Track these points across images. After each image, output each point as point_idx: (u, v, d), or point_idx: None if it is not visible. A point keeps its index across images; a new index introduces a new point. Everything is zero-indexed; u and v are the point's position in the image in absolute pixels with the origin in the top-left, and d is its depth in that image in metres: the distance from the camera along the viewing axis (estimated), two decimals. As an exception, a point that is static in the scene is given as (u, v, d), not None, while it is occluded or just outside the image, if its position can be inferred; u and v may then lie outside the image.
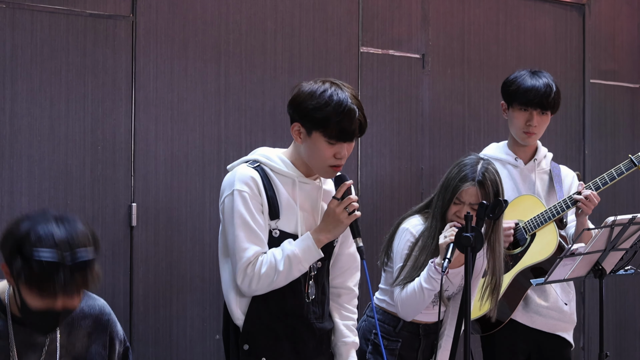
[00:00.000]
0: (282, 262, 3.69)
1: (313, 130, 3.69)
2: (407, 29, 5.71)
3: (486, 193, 4.11)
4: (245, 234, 3.70)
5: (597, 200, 4.63)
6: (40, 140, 4.56)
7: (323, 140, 3.69)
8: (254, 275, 3.69)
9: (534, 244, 4.68)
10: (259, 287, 3.72)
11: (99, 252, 3.31)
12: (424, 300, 4.11)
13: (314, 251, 3.72)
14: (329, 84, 3.71)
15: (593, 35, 6.45)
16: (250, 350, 3.76)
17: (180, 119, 4.92)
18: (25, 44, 4.54)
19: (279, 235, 3.76)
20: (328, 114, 3.64)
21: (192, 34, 4.97)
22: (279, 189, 3.77)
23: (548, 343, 4.76)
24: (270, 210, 3.75)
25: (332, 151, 3.70)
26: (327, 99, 3.66)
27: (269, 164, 3.79)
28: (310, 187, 3.84)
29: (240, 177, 3.73)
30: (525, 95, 4.72)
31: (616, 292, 6.52)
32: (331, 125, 3.65)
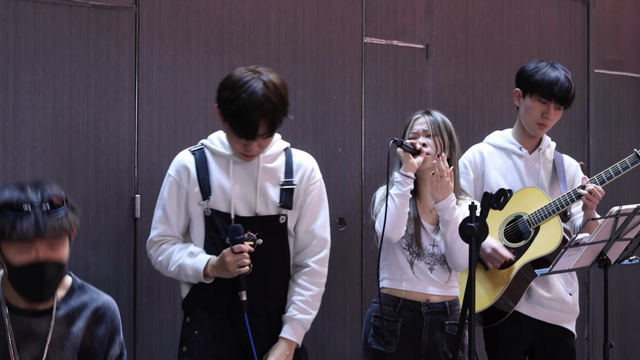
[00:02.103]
0: (174, 265, 3.96)
1: (224, 121, 3.88)
2: (410, 19, 5.69)
3: (433, 119, 4.38)
4: (160, 215, 4.03)
5: (602, 195, 4.61)
6: (43, 132, 4.56)
7: (230, 132, 3.88)
8: (154, 256, 4.05)
9: (538, 237, 4.67)
10: (156, 268, 4.07)
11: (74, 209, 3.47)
12: (395, 208, 4.22)
13: (200, 276, 3.91)
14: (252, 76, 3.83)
15: (597, 25, 6.43)
16: (189, 323, 4.01)
17: (183, 111, 4.91)
18: (29, 36, 4.54)
19: (211, 213, 3.94)
20: (232, 111, 3.81)
21: (195, 25, 4.96)
22: (211, 170, 3.97)
23: (551, 334, 4.76)
24: (201, 190, 3.95)
25: (240, 142, 3.88)
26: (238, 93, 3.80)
27: (209, 146, 4.03)
28: (245, 164, 3.99)
29: (175, 163, 4.05)
30: (549, 88, 4.69)
31: (621, 283, 6.52)
32: (235, 121, 3.82)
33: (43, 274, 3.37)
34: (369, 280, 5.46)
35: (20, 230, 3.30)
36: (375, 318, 4.39)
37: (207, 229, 3.95)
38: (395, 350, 4.31)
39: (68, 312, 3.53)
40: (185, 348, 3.98)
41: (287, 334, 3.98)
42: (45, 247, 3.36)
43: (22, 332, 3.44)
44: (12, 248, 3.34)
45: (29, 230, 3.31)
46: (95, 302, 3.60)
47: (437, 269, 4.36)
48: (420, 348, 4.33)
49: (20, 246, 3.33)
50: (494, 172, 4.81)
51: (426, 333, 4.34)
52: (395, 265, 4.35)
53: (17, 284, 3.40)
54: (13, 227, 3.30)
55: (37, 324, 3.46)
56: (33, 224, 3.31)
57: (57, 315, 3.50)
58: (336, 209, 5.33)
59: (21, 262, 3.35)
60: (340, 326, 5.39)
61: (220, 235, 3.92)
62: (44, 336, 3.46)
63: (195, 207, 3.96)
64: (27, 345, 3.44)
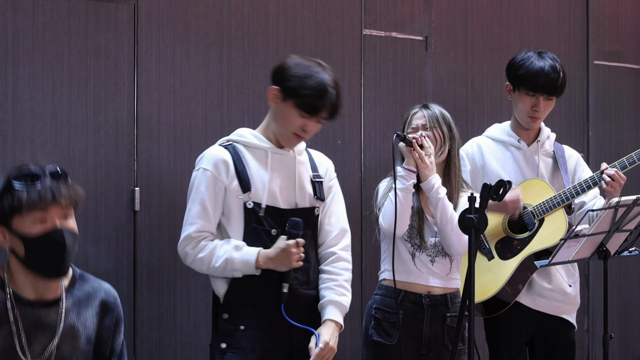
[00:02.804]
0: (219, 260, 3.92)
1: (289, 98, 3.93)
2: (410, 11, 5.69)
3: (431, 113, 4.43)
4: (198, 210, 3.96)
5: (623, 180, 4.59)
6: (42, 125, 4.55)
7: (295, 110, 3.94)
8: (192, 254, 3.97)
9: (543, 229, 4.67)
10: (193, 266, 4.01)
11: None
12: (399, 202, 4.25)
13: (250, 268, 3.91)
14: (316, 64, 3.98)
15: (597, 16, 6.43)
16: (229, 319, 3.96)
17: (182, 103, 4.91)
18: (27, 29, 4.53)
19: (253, 206, 3.95)
20: (306, 87, 3.91)
21: (194, 17, 4.95)
22: (249, 163, 3.98)
23: (551, 325, 4.76)
24: (241, 184, 3.95)
25: (302, 122, 3.96)
26: (310, 73, 3.93)
27: (240, 140, 4.03)
28: (283, 157, 4.05)
29: (209, 157, 3.99)
30: (533, 81, 4.69)
31: (620, 274, 6.52)
32: (306, 98, 3.91)
33: (64, 241, 3.38)
34: (369, 272, 5.46)
35: (37, 196, 3.32)
36: (376, 310, 4.40)
37: (247, 221, 3.96)
38: (396, 342, 4.32)
39: (75, 301, 3.54)
40: (226, 344, 3.95)
41: (333, 315, 4.04)
42: (59, 215, 3.39)
43: (32, 324, 3.43)
44: (27, 220, 3.34)
45: (46, 193, 3.33)
46: (99, 291, 3.62)
47: (439, 261, 4.37)
48: (421, 340, 4.34)
49: (35, 216, 3.34)
50: (494, 163, 4.81)
51: (427, 325, 4.34)
52: (396, 258, 4.35)
53: (37, 258, 3.39)
54: (29, 195, 3.32)
55: (46, 315, 3.46)
56: (49, 189, 3.35)
57: (65, 305, 3.50)
58: (336, 201, 5.33)
59: (38, 231, 3.35)
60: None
61: (263, 227, 3.95)
62: (53, 327, 3.46)
63: (234, 200, 3.95)
64: (38, 336, 3.44)
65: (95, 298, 3.60)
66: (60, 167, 3.44)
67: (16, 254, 3.41)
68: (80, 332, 3.51)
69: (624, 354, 6.54)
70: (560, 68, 4.72)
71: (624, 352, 6.54)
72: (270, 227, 3.96)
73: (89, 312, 3.56)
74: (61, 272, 3.45)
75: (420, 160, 4.26)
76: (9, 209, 3.34)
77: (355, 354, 5.40)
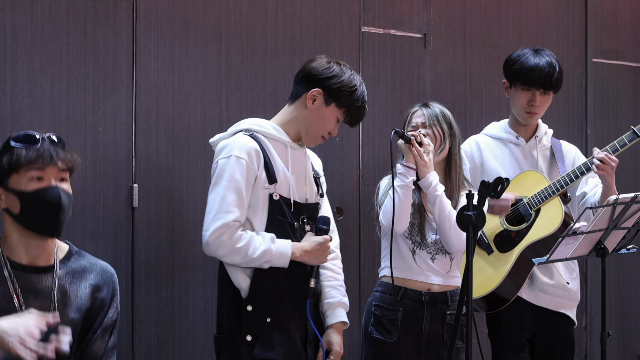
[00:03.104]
0: (258, 251, 3.86)
1: (334, 104, 4.00)
2: (408, 8, 5.69)
3: (431, 111, 4.45)
4: (235, 198, 3.89)
5: (615, 163, 4.58)
6: (41, 122, 4.55)
7: (335, 115, 4.02)
8: (228, 243, 3.86)
9: (539, 218, 4.68)
10: (224, 256, 3.91)
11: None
12: (399, 200, 4.25)
13: (285, 260, 3.92)
14: (351, 71, 4.08)
15: (595, 14, 6.43)
16: (253, 311, 3.90)
17: (181, 100, 4.91)
18: (26, 25, 4.53)
19: (279, 198, 3.95)
20: (354, 98, 4.02)
21: (192, 14, 4.95)
22: (273, 155, 3.98)
23: (552, 321, 4.77)
24: (269, 175, 3.94)
25: (333, 125, 4.07)
26: (356, 84, 4.03)
27: (262, 131, 4.01)
28: (299, 153, 4.09)
29: (241, 145, 3.93)
30: (528, 76, 4.70)
31: (619, 272, 6.52)
32: (352, 108, 4.02)
33: (60, 198, 3.45)
34: (367, 269, 5.47)
35: (34, 155, 3.40)
36: (376, 307, 4.40)
37: (271, 213, 3.96)
38: (395, 339, 4.32)
39: (69, 271, 3.59)
40: (252, 337, 3.89)
41: (343, 317, 4.14)
42: (56, 177, 3.46)
43: (24, 288, 3.48)
44: (24, 178, 3.42)
45: (45, 152, 3.42)
46: (95, 266, 3.68)
47: (439, 259, 4.37)
48: (420, 337, 4.34)
49: (32, 174, 3.41)
50: (492, 161, 4.81)
51: (427, 323, 4.34)
52: (396, 255, 4.35)
53: (32, 214, 3.45)
54: (27, 153, 3.40)
55: (38, 280, 3.51)
56: (47, 149, 3.43)
57: (59, 273, 3.55)
58: (334, 199, 5.33)
59: (35, 187, 3.42)
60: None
61: (287, 219, 3.97)
62: (46, 292, 3.51)
63: (261, 191, 3.94)
64: (30, 301, 3.48)
65: (91, 272, 3.65)
66: (57, 135, 3.53)
67: (11, 213, 3.46)
68: (71, 301, 3.55)
69: (621, 352, 6.55)
70: (556, 63, 4.73)
71: (621, 349, 6.54)
72: (293, 220, 3.99)
73: (83, 283, 3.60)
74: (55, 230, 3.50)
75: (419, 157, 4.26)
76: (7, 166, 3.42)
77: (352, 350, 5.40)
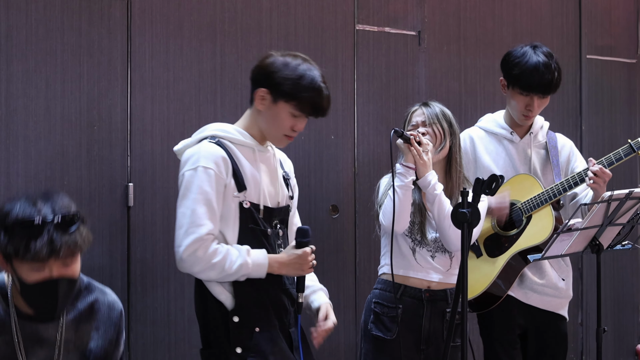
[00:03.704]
0: (235, 266, 3.74)
1: (280, 100, 3.82)
2: (402, 6, 5.69)
3: (431, 110, 4.42)
4: (206, 210, 3.76)
5: (608, 177, 4.56)
6: (36, 121, 4.55)
7: (287, 111, 3.83)
8: (203, 259, 3.75)
9: (530, 226, 4.67)
10: (200, 272, 3.80)
11: (84, 222, 3.34)
12: (399, 200, 4.24)
13: (262, 272, 3.79)
14: (302, 60, 3.86)
15: (589, 10, 6.43)
16: (241, 322, 3.80)
17: (176, 98, 4.91)
18: (20, 25, 4.53)
19: (249, 206, 3.83)
20: (300, 88, 3.79)
21: (187, 13, 4.96)
22: (241, 161, 3.85)
23: (543, 319, 4.77)
24: (237, 183, 3.82)
25: (292, 122, 3.86)
26: (301, 72, 3.81)
27: (228, 137, 3.88)
28: (267, 156, 3.96)
29: (207, 155, 3.80)
30: (527, 83, 4.65)
31: (614, 268, 6.53)
32: (302, 99, 3.81)
33: (57, 291, 3.31)
34: (363, 267, 5.47)
35: (34, 251, 3.21)
36: (375, 304, 4.41)
37: (243, 221, 3.83)
38: (395, 336, 4.32)
39: (76, 316, 3.50)
40: (242, 348, 3.78)
41: (325, 297, 4.10)
42: (59, 265, 3.29)
43: (29, 338, 3.41)
44: (25, 267, 3.26)
45: (43, 250, 3.21)
46: (102, 304, 3.56)
47: (439, 256, 4.38)
48: (420, 335, 4.35)
49: (33, 265, 3.25)
50: (485, 157, 4.81)
51: (427, 320, 4.35)
52: (396, 252, 4.36)
53: (30, 300, 3.35)
54: (27, 248, 3.21)
55: (44, 330, 3.42)
56: (47, 244, 3.22)
57: (65, 320, 3.46)
58: (329, 196, 5.34)
59: (34, 280, 3.28)
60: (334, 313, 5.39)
61: (260, 227, 3.85)
62: (52, 341, 3.43)
63: (230, 199, 3.80)
64: (35, 350, 3.41)
65: (98, 312, 3.55)
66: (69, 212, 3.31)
67: (15, 284, 3.36)
68: (76, 347, 3.49)
69: (617, 347, 6.56)
70: (555, 66, 4.68)
71: (617, 345, 6.56)
72: (265, 227, 3.87)
73: (88, 326, 3.52)
74: (52, 318, 3.41)
75: (418, 156, 4.26)
76: (6, 251, 3.27)
77: (349, 348, 5.41)
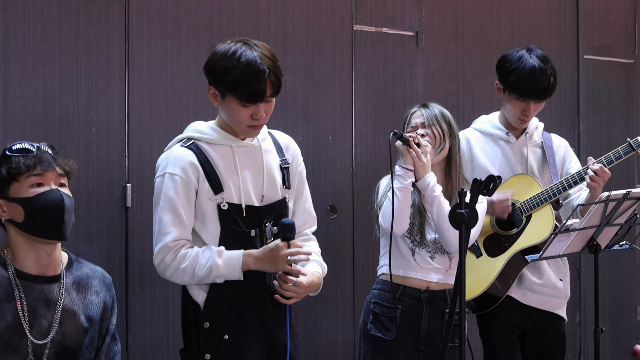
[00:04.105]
0: (204, 269, 3.70)
1: (226, 94, 3.72)
2: (400, 6, 5.69)
3: (430, 111, 4.42)
4: (171, 218, 3.72)
5: (607, 176, 4.57)
6: (34, 122, 4.55)
7: (236, 103, 3.71)
8: (172, 265, 3.73)
9: (530, 225, 4.67)
10: (173, 277, 3.77)
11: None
12: (398, 202, 4.23)
13: (237, 272, 3.72)
14: (241, 44, 3.72)
15: (587, 11, 6.44)
16: (211, 328, 3.76)
17: (174, 99, 4.91)
18: (18, 26, 4.53)
19: (228, 207, 3.76)
20: (236, 77, 3.65)
21: (185, 13, 4.96)
22: (216, 162, 3.77)
23: (542, 319, 4.78)
24: (213, 185, 3.75)
25: (247, 112, 3.73)
26: (234, 61, 3.67)
27: (203, 138, 3.80)
28: (249, 150, 3.85)
29: (175, 160, 3.74)
30: (524, 90, 4.65)
31: (612, 268, 6.54)
32: (240, 87, 3.67)
33: (62, 200, 3.49)
34: (361, 267, 5.47)
35: (34, 160, 3.46)
36: (374, 304, 4.41)
37: (223, 224, 3.76)
38: (394, 337, 4.32)
39: (74, 280, 3.62)
40: (210, 355, 3.73)
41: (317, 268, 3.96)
42: (56, 181, 3.52)
43: (37, 299, 3.51)
44: (25, 185, 3.46)
45: (43, 157, 3.48)
46: (95, 272, 3.71)
47: (438, 257, 4.38)
48: (419, 335, 4.35)
49: (32, 180, 3.46)
50: (482, 158, 4.81)
51: (426, 321, 4.35)
52: (396, 253, 4.36)
53: (37, 220, 3.47)
54: (25, 160, 3.46)
55: (50, 290, 3.54)
56: (44, 155, 3.49)
57: (67, 282, 3.59)
58: (327, 197, 5.34)
59: (38, 192, 3.46)
60: (332, 313, 5.40)
61: (241, 228, 3.78)
62: (56, 302, 3.54)
63: (207, 203, 3.74)
64: (42, 311, 3.51)
65: (94, 279, 3.68)
66: (51, 144, 3.58)
67: (15, 223, 3.49)
68: (79, 310, 3.59)
69: (615, 347, 6.56)
70: (550, 71, 4.67)
71: (615, 345, 6.56)
72: (249, 228, 3.79)
73: (89, 291, 3.64)
74: (61, 233, 3.50)
75: (417, 158, 4.26)
76: (7, 175, 3.45)
77: (348, 348, 5.42)
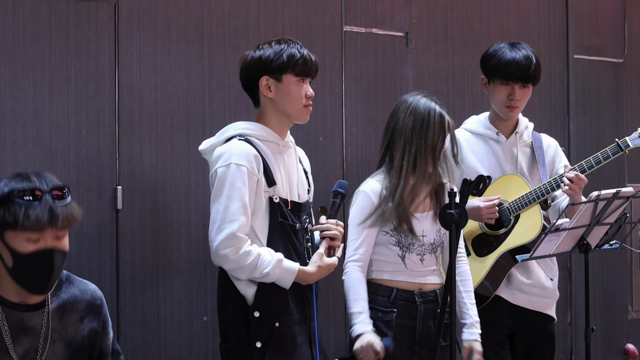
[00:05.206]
0: (261, 273, 3.87)
1: (282, 74, 3.99)
2: (390, 7, 5.70)
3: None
4: (239, 207, 3.86)
5: (583, 183, 4.58)
6: (24, 125, 4.54)
7: (294, 81, 3.99)
8: (233, 260, 3.86)
9: (518, 225, 4.68)
10: (230, 271, 3.91)
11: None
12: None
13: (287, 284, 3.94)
14: (275, 40, 4.08)
15: (576, 10, 6.45)
16: (261, 317, 3.90)
17: (164, 101, 4.91)
18: (8, 28, 4.52)
19: (279, 200, 3.95)
20: (291, 53, 4.00)
21: (174, 15, 4.95)
22: (269, 157, 3.97)
23: (531, 319, 4.78)
24: (267, 178, 3.93)
25: (303, 90, 4.05)
26: (284, 44, 4.02)
27: (254, 134, 3.98)
28: (290, 151, 4.10)
29: (239, 152, 3.91)
30: (505, 69, 4.71)
31: (602, 268, 6.54)
32: (296, 60, 4.01)
33: (53, 262, 3.36)
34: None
35: (34, 218, 3.27)
36: (370, 309, 4.36)
37: (272, 216, 3.95)
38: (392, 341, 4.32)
39: (60, 305, 3.52)
40: (261, 343, 3.90)
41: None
42: (52, 236, 3.35)
43: (15, 326, 3.42)
44: (21, 237, 3.30)
45: (44, 216, 3.29)
46: (84, 294, 3.60)
47: (427, 258, 4.35)
48: (414, 337, 4.33)
49: (30, 235, 3.30)
50: (472, 158, 4.82)
51: (420, 322, 4.32)
52: (386, 260, 4.33)
53: (24, 273, 3.36)
54: (26, 215, 3.27)
55: (29, 318, 3.44)
56: (48, 211, 3.29)
57: (50, 309, 3.49)
58: (318, 198, 5.32)
59: (30, 250, 3.32)
60: (323, 315, 5.39)
61: (289, 221, 3.98)
62: (37, 330, 3.45)
63: (261, 194, 3.94)
64: (20, 339, 3.42)
65: (81, 302, 3.58)
66: (61, 184, 3.40)
67: (4, 262, 3.37)
68: (61, 337, 3.50)
69: (606, 347, 6.57)
70: (532, 56, 4.74)
71: (606, 344, 6.57)
72: (294, 222, 4.01)
73: (73, 316, 3.54)
74: (45, 290, 3.43)
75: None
76: (4, 222, 3.30)
77: (339, 349, 5.41)
